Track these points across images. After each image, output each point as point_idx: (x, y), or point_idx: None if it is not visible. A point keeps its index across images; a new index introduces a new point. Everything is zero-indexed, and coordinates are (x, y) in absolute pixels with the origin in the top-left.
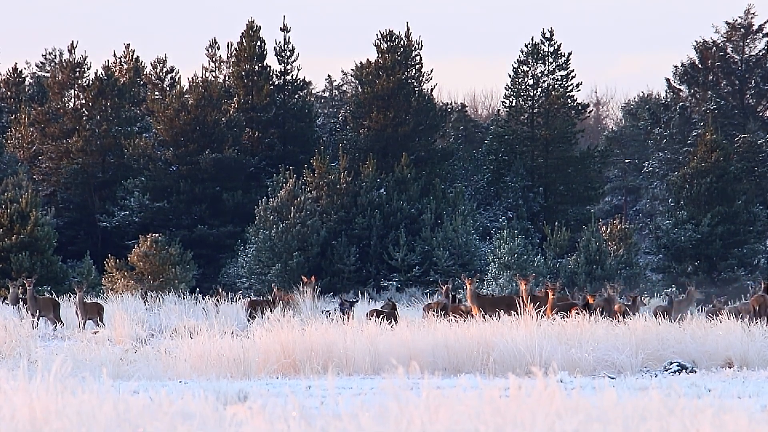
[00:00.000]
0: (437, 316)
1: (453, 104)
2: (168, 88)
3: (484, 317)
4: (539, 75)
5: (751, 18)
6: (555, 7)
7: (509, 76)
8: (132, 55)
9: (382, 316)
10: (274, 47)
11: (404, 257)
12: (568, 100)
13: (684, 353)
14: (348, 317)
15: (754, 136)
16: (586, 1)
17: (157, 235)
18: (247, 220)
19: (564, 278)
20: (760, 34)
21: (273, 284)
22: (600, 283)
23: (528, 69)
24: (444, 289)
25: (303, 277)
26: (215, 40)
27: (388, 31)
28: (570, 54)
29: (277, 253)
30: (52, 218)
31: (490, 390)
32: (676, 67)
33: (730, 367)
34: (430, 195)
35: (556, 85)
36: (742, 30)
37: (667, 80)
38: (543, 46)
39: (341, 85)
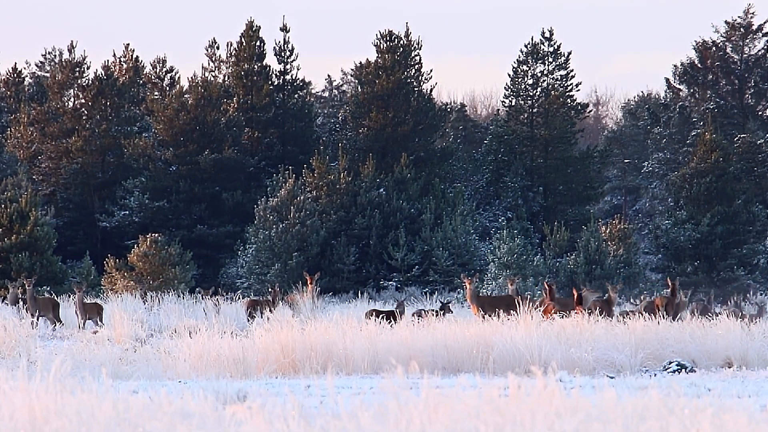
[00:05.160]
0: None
1: (452, 104)
2: (167, 88)
3: (483, 317)
4: (539, 75)
5: (751, 18)
6: (554, 7)
7: (509, 75)
8: (131, 55)
9: (381, 315)
10: (274, 47)
11: (404, 257)
12: (568, 100)
13: (683, 353)
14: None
15: (754, 136)
16: (585, 1)
17: (156, 235)
18: (247, 220)
19: (563, 278)
20: (760, 34)
21: (275, 284)
22: (599, 283)
23: (527, 69)
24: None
25: (306, 275)
26: (215, 39)
27: (387, 31)
28: (569, 54)
29: (277, 253)
30: (51, 218)
31: (489, 389)
32: (675, 66)
33: (730, 367)
34: (430, 195)
35: (555, 85)
36: (741, 30)
37: (667, 80)
38: (542, 46)
39: (341, 85)
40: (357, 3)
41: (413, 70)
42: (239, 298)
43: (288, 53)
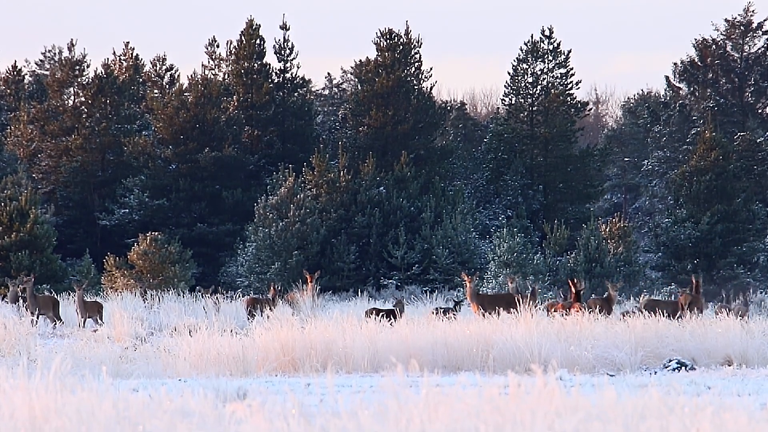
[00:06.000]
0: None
1: (452, 102)
2: (167, 86)
3: (483, 315)
4: (539, 73)
5: (751, 16)
6: (554, 5)
7: (509, 74)
8: (131, 53)
9: (381, 314)
10: (274, 45)
11: (404, 255)
12: (568, 98)
13: (683, 351)
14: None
15: (754, 134)
16: None
17: (156, 233)
18: (247, 219)
19: (563, 276)
20: (760, 32)
21: (272, 283)
22: (599, 282)
23: (527, 67)
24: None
25: (306, 273)
26: (215, 38)
27: (387, 29)
28: (569, 52)
29: (277, 251)
30: (51, 216)
31: (489, 388)
32: (675, 65)
33: (730, 365)
34: (430, 193)
35: (555, 83)
36: (741, 28)
37: (667, 78)
38: (542, 44)
39: (341, 83)
40: (357, 1)
41: (413, 69)
42: (239, 296)
43: (288, 51)
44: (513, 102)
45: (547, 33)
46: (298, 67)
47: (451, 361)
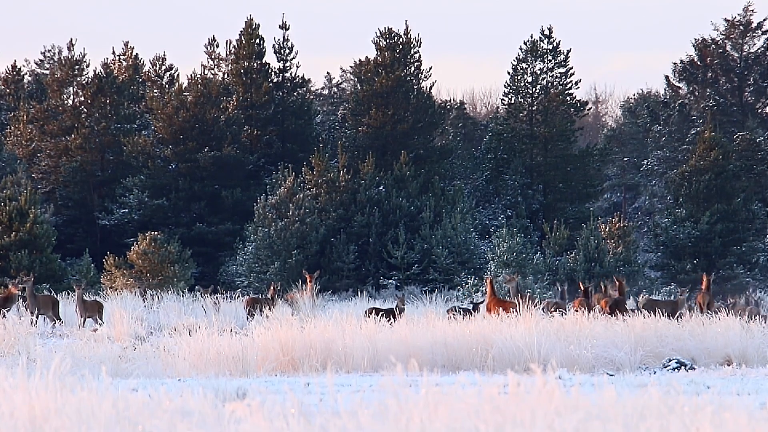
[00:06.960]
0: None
1: (452, 102)
2: (167, 86)
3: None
4: (538, 72)
5: (750, 15)
6: (554, 5)
7: (508, 73)
8: (131, 53)
9: (381, 313)
10: (273, 45)
11: (403, 255)
12: (567, 98)
13: (683, 350)
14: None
15: (753, 134)
16: None
17: (156, 233)
18: (246, 218)
19: (563, 276)
20: (759, 32)
21: (271, 282)
22: (598, 281)
23: (527, 66)
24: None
25: (305, 273)
26: (214, 37)
27: (387, 28)
28: (569, 51)
29: (276, 251)
30: (51, 216)
31: (489, 387)
32: (675, 64)
33: (729, 365)
34: (429, 193)
35: (555, 83)
36: (741, 27)
37: (666, 78)
38: (542, 44)
39: (340, 83)
40: (357, 1)
41: (413, 68)
42: (239, 296)
43: (287, 51)
44: (513, 101)
45: (546, 33)
46: (297, 67)
47: (450, 361)
